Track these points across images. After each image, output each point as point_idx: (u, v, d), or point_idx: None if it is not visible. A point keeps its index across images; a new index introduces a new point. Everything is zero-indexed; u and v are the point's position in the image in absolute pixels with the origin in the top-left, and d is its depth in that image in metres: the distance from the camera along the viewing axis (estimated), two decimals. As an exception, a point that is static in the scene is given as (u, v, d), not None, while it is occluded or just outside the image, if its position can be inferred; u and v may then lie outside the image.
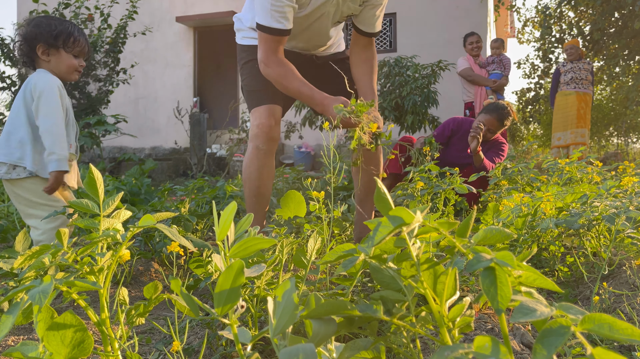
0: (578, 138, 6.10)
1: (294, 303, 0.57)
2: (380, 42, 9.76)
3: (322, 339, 0.62)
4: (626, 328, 0.43)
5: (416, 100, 5.66)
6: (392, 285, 0.72)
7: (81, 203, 0.77)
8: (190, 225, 2.08)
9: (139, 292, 1.79)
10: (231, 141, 8.89)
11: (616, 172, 3.69)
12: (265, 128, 1.93)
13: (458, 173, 2.20)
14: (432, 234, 0.64)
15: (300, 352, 0.48)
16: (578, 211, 1.53)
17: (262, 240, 0.64)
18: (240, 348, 0.64)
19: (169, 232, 0.68)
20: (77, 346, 0.58)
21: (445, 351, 0.48)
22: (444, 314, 0.66)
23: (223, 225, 0.63)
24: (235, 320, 0.65)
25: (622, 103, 10.76)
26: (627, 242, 1.58)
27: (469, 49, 5.61)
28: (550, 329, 0.45)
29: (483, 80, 5.46)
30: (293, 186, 3.93)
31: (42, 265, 0.71)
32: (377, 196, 0.62)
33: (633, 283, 1.38)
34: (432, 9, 9.31)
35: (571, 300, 1.37)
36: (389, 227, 0.61)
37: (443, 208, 2.12)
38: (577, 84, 6.12)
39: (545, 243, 1.59)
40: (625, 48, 9.21)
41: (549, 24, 10.13)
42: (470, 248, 0.55)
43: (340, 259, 0.72)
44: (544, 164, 2.75)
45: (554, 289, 0.54)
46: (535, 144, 12.13)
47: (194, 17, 10.29)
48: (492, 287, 0.49)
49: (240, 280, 0.60)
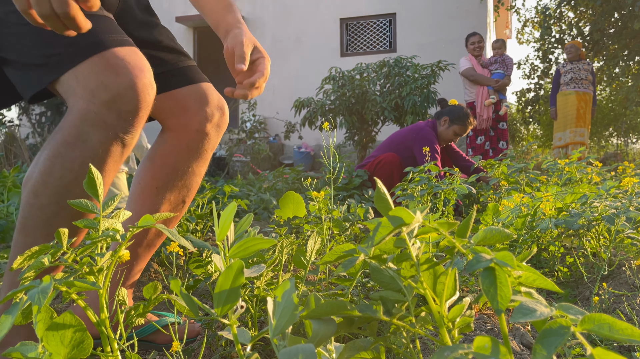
0: (577, 137, 6.10)
1: (294, 303, 0.57)
2: (380, 42, 9.77)
3: (321, 340, 0.62)
4: (626, 328, 0.43)
5: (416, 100, 5.66)
6: (391, 285, 0.72)
7: (81, 203, 0.77)
8: (190, 225, 2.08)
9: (139, 292, 1.79)
10: (231, 141, 8.89)
11: (616, 173, 3.69)
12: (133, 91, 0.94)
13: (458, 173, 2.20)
14: (432, 234, 0.64)
15: (300, 353, 0.48)
16: (578, 211, 1.53)
17: (262, 240, 0.64)
18: (240, 348, 0.64)
19: (169, 232, 0.68)
20: (77, 347, 0.58)
21: (445, 351, 0.48)
22: (443, 314, 0.66)
23: (223, 225, 0.63)
24: (234, 320, 0.65)
25: (621, 103, 10.76)
26: (626, 242, 1.58)
27: (470, 48, 5.62)
28: (550, 329, 0.45)
29: (486, 80, 5.46)
30: (292, 186, 3.93)
31: (41, 265, 0.71)
32: (377, 196, 0.62)
33: (633, 283, 1.38)
34: (432, 9, 9.32)
35: (571, 300, 1.37)
36: (389, 227, 0.61)
37: (442, 209, 2.12)
38: (577, 84, 6.12)
39: (545, 243, 1.59)
40: (625, 48, 9.21)
41: (548, 25, 10.13)
42: (470, 248, 0.55)
43: (340, 259, 0.72)
44: (543, 164, 2.76)
45: (553, 289, 0.54)
46: (535, 145, 12.13)
47: (194, 17, 10.29)
48: (491, 287, 0.49)
49: (240, 280, 0.60)
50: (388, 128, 6.74)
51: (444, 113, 3.58)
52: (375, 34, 9.83)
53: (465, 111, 3.55)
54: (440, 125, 3.58)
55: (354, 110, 6.12)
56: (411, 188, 2.21)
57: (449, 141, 3.62)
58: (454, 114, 3.54)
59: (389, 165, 3.35)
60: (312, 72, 9.05)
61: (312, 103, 6.31)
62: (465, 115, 3.53)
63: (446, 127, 3.56)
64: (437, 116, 3.62)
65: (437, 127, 3.60)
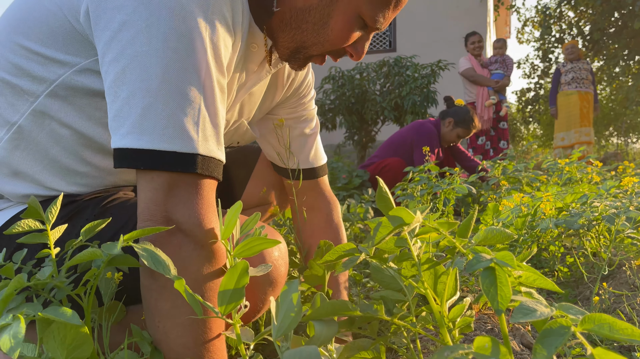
0: (582, 137, 6.10)
1: (297, 304, 0.58)
2: (380, 42, 9.76)
3: (324, 341, 0.63)
4: (626, 328, 0.43)
5: (416, 100, 5.66)
6: (392, 284, 0.72)
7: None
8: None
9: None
10: (231, 141, 8.87)
11: (616, 172, 3.69)
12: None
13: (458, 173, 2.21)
14: (432, 234, 0.65)
15: (304, 355, 0.48)
16: (578, 211, 1.54)
17: (267, 240, 0.64)
18: (243, 347, 0.64)
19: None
20: (77, 348, 0.58)
21: (446, 351, 0.48)
22: (444, 314, 0.66)
23: (228, 224, 0.64)
24: (238, 320, 0.65)
25: (622, 103, 10.76)
26: (627, 242, 1.58)
27: (470, 48, 5.61)
28: (550, 329, 0.45)
29: (485, 81, 5.46)
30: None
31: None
32: (378, 195, 0.62)
33: (633, 283, 1.38)
34: (432, 9, 9.31)
35: (571, 300, 1.37)
36: (389, 227, 0.61)
37: (443, 208, 2.12)
38: (579, 84, 6.12)
39: (545, 243, 1.59)
40: (625, 48, 9.21)
41: (548, 24, 10.13)
42: (470, 248, 0.56)
43: (340, 259, 0.72)
44: (544, 164, 2.76)
45: (554, 289, 0.55)
46: (535, 144, 12.13)
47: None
48: (492, 287, 0.50)
49: (245, 280, 0.60)
50: (388, 128, 6.74)
51: (449, 114, 3.56)
52: (375, 33, 9.83)
53: (470, 115, 3.53)
54: (445, 126, 3.57)
55: (354, 109, 6.12)
56: (411, 188, 2.21)
57: (452, 142, 3.62)
58: (459, 116, 3.52)
59: (394, 170, 3.34)
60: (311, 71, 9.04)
61: (312, 103, 6.29)
62: (470, 119, 3.52)
63: (450, 129, 3.56)
64: (442, 116, 3.61)
65: (440, 126, 3.60)
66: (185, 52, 0.67)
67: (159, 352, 0.67)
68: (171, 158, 0.66)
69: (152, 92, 0.66)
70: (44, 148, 0.80)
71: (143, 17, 0.66)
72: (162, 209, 0.67)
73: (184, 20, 0.67)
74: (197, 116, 0.68)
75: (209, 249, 0.68)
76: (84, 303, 0.68)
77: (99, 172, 0.85)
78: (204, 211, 0.68)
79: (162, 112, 0.66)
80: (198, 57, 0.68)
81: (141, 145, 0.66)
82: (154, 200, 0.67)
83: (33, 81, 0.78)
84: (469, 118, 3.53)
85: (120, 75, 0.67)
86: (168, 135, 0.66)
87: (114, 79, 0.67)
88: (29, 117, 0.79)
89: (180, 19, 0.67)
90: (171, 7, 0.66)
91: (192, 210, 0.67)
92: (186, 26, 0.67)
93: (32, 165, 0.81)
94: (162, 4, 0.66)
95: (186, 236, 0.67)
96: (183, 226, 0.67)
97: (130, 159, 0.66)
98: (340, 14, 0.80)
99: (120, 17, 0.67)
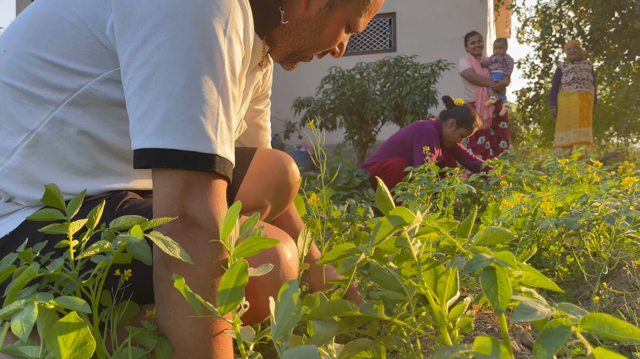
0: (582, 137, 6.11)
1: (296, 304, 0.58)
2: (380, 42, 9.77)
3: (324, 340, 0.63)
4: (626, 328, 0.43)
5: (416, 99, 5.66)
6: (392, 284, 0.72)
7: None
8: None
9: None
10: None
11: (616, 172, 3.70)
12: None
13: (458, 173, 2.21)
14: (432, 234, 0.65)
15: (303, 354, 0.48)
16: (578, 211, 1.53)
17: (266, 239, 0.64)
18: (243, 347, 0.64)
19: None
20: (80, 348, 0.58)
21: (446, 351, 0.48)
22: (444, 314, 0.66)
23: (227, 223, 0.64)
24: (238, 319, 0.65)
25: (622, 103, 10.76)
26: (627, 242, 1.58)
27: (470, 48, 5.61)
28: (550, 329, 0.45)
29: (485, 81, 5.46)
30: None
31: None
32: (378, 195, 0.62)
33: (633, 283, 1.38)
34: (432, 9, 9.31)
35: (571, 300, 1.37)
36: (389, 227, 0.61)
37: (443, 208, 2.12)
38: (579, 84, 6.12)
39: (545, 243, 1.59)
40: (625, 48, 9.21)
41: (549, 24, 10.14)
42: (470, 248, 0.55)
43: (340, 259, 0.72)
44: (544, 164, 2.76)
45: (554, 289, 0.55)
46: (535, 144, 12.14)
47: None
48: (492, 287, 0.50)
49: (244, 280, 0.60)
50: (388, 127, 6.74)
51: (451, 115, 3.55)
52: (375, 33, 9.83)
53: (472, 114, 3.54)
54: (447, 126, 3.57)
55: (354, 109, 6.12)
56: (411, 187, 2.21)
57: (455, 142, 3.61)
58: (461, 116, 3.52)
59: (397, 170, 3.34)
60: (311, 71, 9.04)
61: (312, 103, 6.31)
62: (472, 119, 3.53)
63: (453, 130, 3.55)
64: (444, 117, 3.60)
65: (441, 126, 3.60)
66: (206, 62, 0.72)
67: (164, 346, 0.68)
68: (192, 158, 0.71)
69: (175, 97, 0.71)
70: (61, 154, 0.83)
71: (167, 29, 0.71)
72: (179, 204, 0.71)
73: (205, 33, 0.72)
74: (216, 120, 0.74)
75: (221, 243, 0.72)
76: (91, 296, 0.68)
77: (111, 176, 0.88)
78: (218, 207, 0.73)
79: (184, 115, 0.71)
80: (217, 67, 0.74)
81: (164, 145, 0.70)
82: (171, 195, 0.71)
83: (54, 91, 0.80)
84: (471, 118, 3.53)
85: (146, 81, 0.71)
86: (189, 136, 0.71)
87: (139, 85, 0.72)
88: (48, 125, 0.81)
89: (202, 31, 0.72)
90: (193, 21, 0.72)
91: (207, 206, 0.72)
92: (207, 39, 0.72)
93: (48, 171, 0.83)
94: (185, 17, 0.71)
95: (200, 230, 0.71)
96: (198, 220, 0.71)
97: (153, 158, 0.70)
98: (333, 23, 0.95)
99: (145, 29, 0.72)
